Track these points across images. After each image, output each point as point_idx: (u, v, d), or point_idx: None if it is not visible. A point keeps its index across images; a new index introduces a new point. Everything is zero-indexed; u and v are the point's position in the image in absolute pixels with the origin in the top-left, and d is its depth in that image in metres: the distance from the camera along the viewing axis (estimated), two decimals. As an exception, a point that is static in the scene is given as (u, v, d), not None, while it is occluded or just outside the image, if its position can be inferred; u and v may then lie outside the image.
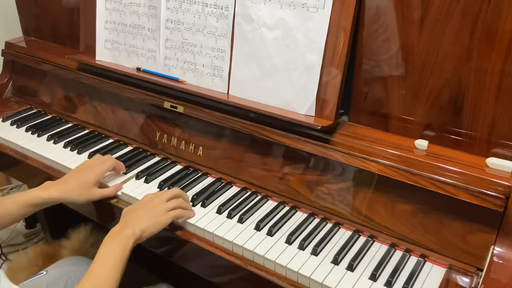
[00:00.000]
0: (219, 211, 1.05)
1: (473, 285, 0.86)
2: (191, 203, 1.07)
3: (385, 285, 0.86)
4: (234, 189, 1.13)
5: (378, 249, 0.95)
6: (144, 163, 1.24)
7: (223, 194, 1.11)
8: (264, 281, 0.92)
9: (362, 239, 0.98)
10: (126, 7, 1.30)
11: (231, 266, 0.96)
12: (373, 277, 0.88)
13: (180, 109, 1.19)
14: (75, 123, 1.46)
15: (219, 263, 0.98)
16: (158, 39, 1.25)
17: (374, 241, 0.97)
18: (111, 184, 1.15)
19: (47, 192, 1.05)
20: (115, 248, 0.89)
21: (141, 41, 1.30)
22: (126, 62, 1.34)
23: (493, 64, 0.85)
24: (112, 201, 1.12)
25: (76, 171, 1.13)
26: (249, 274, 0.94)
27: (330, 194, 1.01)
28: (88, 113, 1.43)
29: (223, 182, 1.15)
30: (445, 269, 0.90)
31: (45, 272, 1.12)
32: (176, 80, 1.22)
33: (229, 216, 1.03)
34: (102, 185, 1.14)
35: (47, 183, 1.09)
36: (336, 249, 0.94)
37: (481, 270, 0.86)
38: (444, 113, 0.93)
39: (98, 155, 1.19)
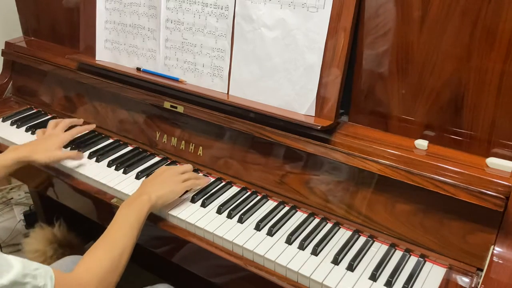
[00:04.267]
0: (219, 211, 1.05)
1: (473, 285, 0.86)
2: (191, 203, 1.07)
3: (385, 285, 0.86)
4: (234, 189, 1.13)
5: (378, 249, 0.95)
6: (144, 163, 1.24)
7: (223, 194, 1.11)
8: (264, 281, 0.92)
9: (362, 239, 0.98)
10: (126, 7, 1.30)
11: (231, 266, 0.96)
12: (373, 277, 0.88)
13: (180, 109, 1.19)
14: (75, 123, 1.46)
15: (219, 263, 0.98)
16: (158, 39, 1.25)
17: (374, 241, 0.97)
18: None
19: (17, 152, 1.14)
20: (131, 212, 0.94)
21: (141, 41, 1.30)
22: (126, 62, 1.34)
23: (493, 64, 0.85)
24: (112, 201, 1.13)
25: (41, 139, 1.24)
26: (249, 274, 0.94)
27: (330, 194, 1.01)
28: (88, 113, 1.43)
29: (223, 182, 1.15)
30: (445, 269, 0.90)
31: (45, 272, 1.12)
32: (176, 80, 1.22)
33: (229, 216, 1.03)
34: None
35: (13, 146, 1.20)
36: (336, 249, 0.94)
37: (481, 270, 0.86)
38: (444, 113, 0.93)
39: (53, 122, 1.29)
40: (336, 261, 0.91)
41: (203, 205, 1.07)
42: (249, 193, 1.11)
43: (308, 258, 0.92)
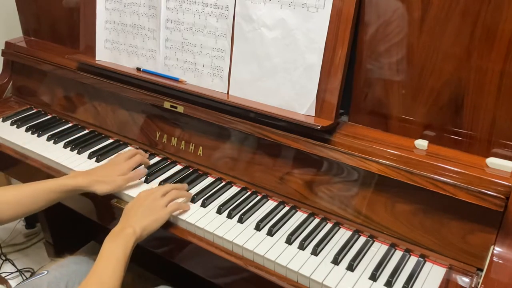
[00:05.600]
0: (219, 211, 1.05)
1: (473, 285, 0.86)
2: (191, 203, 1.07)
3: (385, 285, 0.86)
4: (234, 189, 1.13)
5: (378, 249, 0.95)
6: (144, 163, 1.25)
7: (223, 194, 1.11)
8: (264, 281, 0.92)
9: (362, 239, 0.98)
10: (126, 7, 1.30)
11: (231, 266, 0.96)
12: (373, 277, 0.88)
13: (180, 109, 1.19)
14: (75, 123, 1.46)
15: (219, 263, 0.98)
16: (158, 39, 1.25)
17: (374, 241, 0.97)
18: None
19: (76, 180, 1.09)
20: (117, 247, 0.91)
21: (141, 41, 1.30)
22: (126, 62, 1.34)
23: (493, 64, 0.85)
24: (112, 201, 1.13)
25: (103, 166, 1.17)
26: (249, 274, 0.94)
27: (330, 194, 1.01)
28: (88, 113, 1.43)
29: (223, 182, 1.15)
30: (445, 269, 0.90)
31: (46, 272, 1.12)
32: (176, 80, 1.22)
33: (229, 216, 1.03)
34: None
35: (75, 172, 1.15)
36: (336, 249, 0.94)
37: (481, 270, 0.86)
38: (444, 113, 0.93)
39: (123, 152, 1.20)
40: (336, 261, 0.91)
41: (203, 205, 1.07)
42: (249, 193, 1.11)
43: (308, 258, 0.92)
